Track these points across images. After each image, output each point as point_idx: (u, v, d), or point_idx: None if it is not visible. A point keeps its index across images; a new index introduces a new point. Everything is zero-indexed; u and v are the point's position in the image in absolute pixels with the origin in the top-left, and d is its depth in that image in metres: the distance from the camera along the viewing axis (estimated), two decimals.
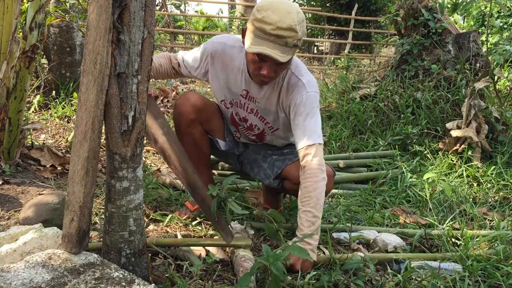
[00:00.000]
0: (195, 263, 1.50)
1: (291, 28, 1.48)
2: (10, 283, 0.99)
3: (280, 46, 1.50)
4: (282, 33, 1.48)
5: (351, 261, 1.47)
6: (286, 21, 1.48)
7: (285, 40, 1.49)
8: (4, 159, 2.26)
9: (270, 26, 1.48)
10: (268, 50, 1.50)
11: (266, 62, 1.56)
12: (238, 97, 1.82)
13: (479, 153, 2.74)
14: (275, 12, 1.48)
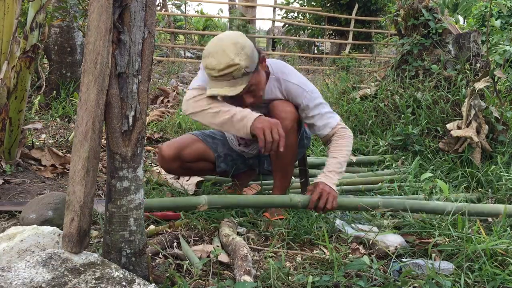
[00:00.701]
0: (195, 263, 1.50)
1: (229, 65, 1.65)
2: (11, 282, 0.99)
3: (228, 82, 1.69)
4: (224, 72, 1.66)
5: (354, 262, 1.47)
6: (223, 61, 1.65)
7: (231, 75, 1.67)
8: (5, 159, 2.27)
9: (213, 71, 1.68)
10: (218, 90, 1.70)
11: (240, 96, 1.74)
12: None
13: (479, 153, 2.74)
14: (213, 56, 1.67)
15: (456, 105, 3.27)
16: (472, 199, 2.36)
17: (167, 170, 2.12)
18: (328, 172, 1.82)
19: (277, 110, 1.87)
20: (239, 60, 1.66)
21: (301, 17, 14.53)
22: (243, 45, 1.68)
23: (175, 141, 2.10)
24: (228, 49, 1.66)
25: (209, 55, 1.68)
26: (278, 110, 1.87)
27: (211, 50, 1.69)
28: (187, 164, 2.06)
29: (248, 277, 1.35)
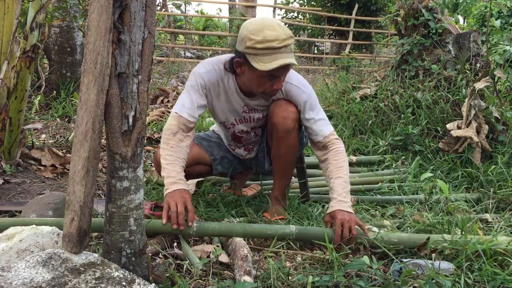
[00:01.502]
0: (195, 263, 1.50)
1: (290, 36, 1.68)
2: (11, 282, 0.99)
3: (289, 53, 1.69)
4: (286, 42, 1.66)
5: (354, 262, 1.47)
6: (285, 32, 1.67)
7: (290, 47, 1.69)
8: (5, 159, 2.27)
9: (276, 42, 1.64)
10: (287, 60, 1.66)
11: (277, 77, 1.72)
12: (241, 114, 1.96)
13: (479, 153, 2.74)
14: (271, 29, 1.65)
15: (456, 105, 3.27)
16: (472, 199, 2.36)
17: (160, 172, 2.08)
18: (339, 196, 1.75)
19: (278, 110, 1.87)
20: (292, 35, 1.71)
21: (301, 17, 14.53)
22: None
23: None
24: (282, 24, 1.70)
25: (263, 29, 1.65)
26: (279, 109, 1.87)
27: (264, 26, 1.66)
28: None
29: (249, 278, 1.35)
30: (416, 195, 2.40)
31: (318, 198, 2.25)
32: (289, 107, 1.87)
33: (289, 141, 1.88)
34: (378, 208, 2.23)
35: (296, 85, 1.88)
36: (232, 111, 1.95)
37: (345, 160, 1.84)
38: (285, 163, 1.95)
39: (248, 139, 2.08)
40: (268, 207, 2.00)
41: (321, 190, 2.36)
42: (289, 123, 1.84)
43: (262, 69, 1.65)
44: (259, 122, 2.01)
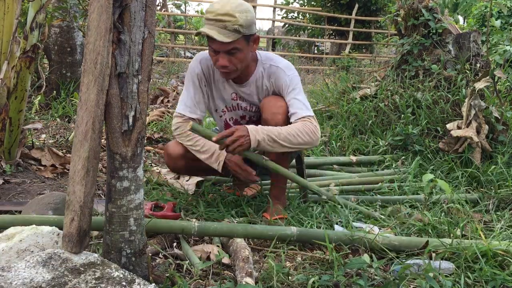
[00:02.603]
0: (195, 263, 1.50)
1: (228, 13, 1.72)
2: (11, 282, 0.99)
3: (218, 29, 1.73)
4: (220, 17, 1.73)
5: (353, 261, 1.47)
6: (225, 8, 1.73)
7: (224, 23, 1.73)
8: (5, 159, 2.27)
9: (211, 14, 1.75)
10: (206, 30, 1.74)
11: (218, 53, 1.79)
12: (230, 102, 2.05)
13: (479, 153, 2.74)
14: (219, 2, 1.76)
15: (456, 105, 3.27)
16: (472, 199, 2.36)
17: (173, 168, 2.12)
18: (261, 127, 1.78)
19: (268, 105, 1.91)
20: (238, 16, 1.73)
21: (301, 17, 14.53)
22: (248, 10, 1.78)
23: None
24: (234, 3, 1.75)
25: (215, 2, 1.77)
26: (269, 105, 1.91)
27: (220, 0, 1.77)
28: (192, 162, 2.04)
29: (250, 279, 1.35)
30: (416, 195, 2.40)
31: (318, 198, 2.25)
32: (279, 102, 1.90)
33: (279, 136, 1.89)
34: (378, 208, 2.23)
35: (281, 68, 1.93)
36: (222, 98, 2.04)
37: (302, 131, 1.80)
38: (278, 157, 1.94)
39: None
40: (268, 207, 2.00)
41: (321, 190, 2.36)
42: (279, 118, 1.87)
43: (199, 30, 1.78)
44: (247, 112, 2.06)
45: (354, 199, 2.27)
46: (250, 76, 1.97)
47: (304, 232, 1.70)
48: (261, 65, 1.97)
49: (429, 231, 1.88)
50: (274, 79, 1.94)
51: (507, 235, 1.89)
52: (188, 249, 1.59)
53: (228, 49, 1.78)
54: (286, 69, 1.94)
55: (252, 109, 2.06)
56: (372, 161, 2.99)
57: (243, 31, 1.76)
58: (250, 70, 1.96)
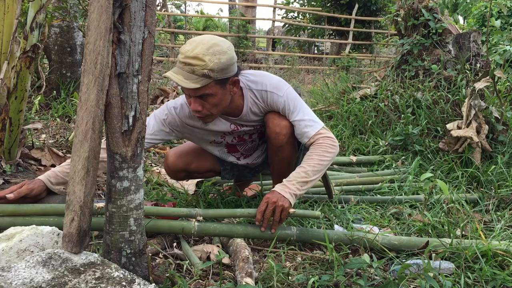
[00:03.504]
0: (195, 263, 1.50)
1: (197, 57, 1.55)
2: (11, 282, 0.99)
3: (185, 73, 1.57)
4: (188, 61, 1.56)
5: (353, 260, 1.47)
6: (194, 51, 1.55)
7: (192, 67, 1.56)
8: (5, 159, 2.27)
9: (181, 56, 1.58)
10: (170, 74, 1.58)
11: (189, 96, 1.65)
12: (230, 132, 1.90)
13: (479, 153, 2.74)
14: (191, 44, 1.58)
15: (456, 105, 3.28)
16: (473, 199, 2.36)
17: (172, 177, 2.11)
18: (286, 181, 1.68)
19: (271, 124, 1.80)
20: (208, 59, 1.55)
21: (301, 17, 14.53)
22: (223, 53, 1.58)
23: (182, 152, 2.04)
24: (206, 45, 1.57)
25: (189, 42, 1.60)
26: (272, 123, 1.80)
27: (195, 39, 1.61)
28: (193, 174, 2.08)
29: (250, 280, 1.35)
30: (416, 195, 2.40)
31: (318, 198, 2.25)
32: (283, 121, 1.79)
33: (282, 154, 1.86)
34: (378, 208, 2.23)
35: (270, 91, 1.78)
36: (218, 132, 1.90)
37: (322, 154, 1.72)
38: (281, 171, 1.93)
39: (244, 145, 2.03)
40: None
41: (320, 190, 2.36)
42: (281, 138, 1.80)
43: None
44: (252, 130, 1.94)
45: (353, 200, 2.27)
46: (242, 108, 1.81)
47: (304, 232, 1.71)
48: (248, 92, 1.80)
49: (429, 231, 1.88)
50: (269, 104, 1.79)
51: (507, 235, 1.89)
52: (188, 249, 1.59)
53: (198, 95, 1.62)
54: (276, 90, 1.77)
55: (256, 127, 1.93)
56: (372, 161, 2.99)
57: (214, 76, 1.58)
58: (238, 103, 1.80)
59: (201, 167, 2.07)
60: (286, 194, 1.63)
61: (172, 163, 2.01)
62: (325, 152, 1.72)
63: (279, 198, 1.62)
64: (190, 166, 2.04)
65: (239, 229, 1.65)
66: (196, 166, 2.05)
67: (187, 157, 2.03)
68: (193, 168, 2.04)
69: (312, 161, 1.71)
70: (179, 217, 1.67)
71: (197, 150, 2.07)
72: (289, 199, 1.63)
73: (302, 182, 1.67)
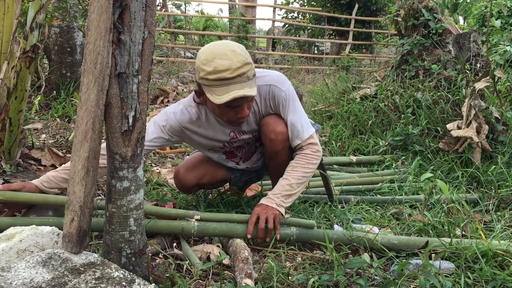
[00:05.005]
0: (195, 263, 1.50)
1: (246, 63, 1.53)
2: (11, 282, 0.99)
3: (245, 83, 1.54)
4: (240, 71, 1.52)
5: (354, 260, 1.47)
6: (238, 59, 1.52)
7: (246, 75, 1.54)
8: (5, 159, 2.27)
9: (227, 72, 1.51)
10: (240, 92, 1.52)
11: (238, 106, 1.60)
12: (228, 138, 1.87)
13: (479, 153, 2.74)
14: (223, 58, 1.52)
15: (456, 105, 3.28)
16: (473, 199, 2.36)
17: (184, 193, 2.12)
18: (272, 194, 1.70)
19: (266, 130, 1.79)
20: (250, 60, 1.56)
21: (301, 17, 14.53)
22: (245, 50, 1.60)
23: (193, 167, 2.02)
24: (237, 49, 1.55)
25: (214, 58, 1.52)
26: (267, 130, 1.78)
27: (215, 54, 1.53)
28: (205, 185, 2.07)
29: (249, 280, 1.35)
30: (416, 195, 2.40)
31: (318, 198, 2.25)
32: (278, 127, 1.77)
33: (278, 159, 1.85)
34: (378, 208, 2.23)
35: (273, 84, 1.75)
36: (217, 139, 1.87)
37: (306, 166, 1.74)
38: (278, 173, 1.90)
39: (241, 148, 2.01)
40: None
41: (320, 190, 2.36)
42: (277, 145, 1.79)
43: (216, 102, 1.53)
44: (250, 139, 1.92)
45: (353, 200, 2.27)
46: None
47: (304, 232, 1.71)
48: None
49: (429, 231, 1.88)
50: (270, 98, 1.76)
51: (507, 235, 1.89)
52: (188, 249, 1.59)
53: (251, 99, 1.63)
54: (279, 83, 1.75)
55: (254, 136, 1.91)
56: (372, 161, 2.99)
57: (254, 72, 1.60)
58: None
59: (214, 178, 2.04)
60: (273, 205, 1.68)
61: (184, 179, 1.97)
62: (309, 164, 1.76)
63: (268, 209, 1.66)
64: (203, 180, 2.01)
65: (239, 230, 1.66)
66: (209, 179, 2.02)
67: (198, 171, 2.00)
68: (205, 181, 2.02)
69: (296, 173, 1.74)
70: (177, 218, 1.67)
71: (207, 162, 2.03)
72: (277, 208, 1.67)
73: (286, 195, 1.71)
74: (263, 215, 1.64)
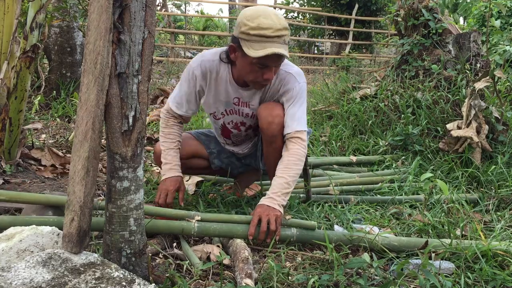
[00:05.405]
0: (195, 263, 1.50)
1: (285, 27, 1.65)
2: (11, 282, 0.99)
3: (281, 45, 1.65)
4: (281, 33, 1.63)
5: (354, 260, 1.47)
6: (280, 22, 1.64)
7: (283, 38, 1.65)
8: (5, 159, 2.27)
9: (269, 30, 1.62)
10: (276, 50, 1.62)
11: (267, 67, 1.69)
12: (231, 105, 1.95)
13: (479, 153, 2.74)
14: (267, 18, 1.64)
15: (456, 105, 3.27)
16: (473, 199, 2.36)
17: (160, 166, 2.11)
18: (272, 193, 1.72)
19: (264, 114, 1.84)
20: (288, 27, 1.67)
21: (301, 17, 14.53)
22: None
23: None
24: (280, 15, 1.67)
25: (259, 16, 1.63)
26: (265, 113, 1.83)
27: (260, 13, 1.64)
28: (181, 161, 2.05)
29: (249, 280, 1.35)
30: (416, 195, 2.40)
31: (318, 198, 2.25)
32: (275, 110, 1.83)
33: (276, 144, 1.86)
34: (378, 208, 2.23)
35: (292, 74, 1.85)
36: (222, 101, 1.94)
37: (297, 163, 1.78)
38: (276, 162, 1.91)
39: (238, 136, 2.06)
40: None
41: (320, 190, 2.36)
42: (274, 127, 1.82)
43: (252, 55, 1.63)
44: (248, 119, 1.98)
45: (353, 200, 2.27)
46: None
47: (304, 233, 1.70)
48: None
49: (429, 231, 1.88)
50: (284, 83, 1.85)
51: (507, 235, 1.89)
52: (188, 249, 1.59)
53: (281, 63, 1.73)
54: (297, 76, 1.85)
55: (253, 116, 1.97)
56: (372, 161, 2.99)
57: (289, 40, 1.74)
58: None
59: (186, 148, 2.07)
60: (275, 206, 1.69)
61: (158, 147, 2.04)
62: (299, 161, 1.80)
63: (270, 210, 1.67)
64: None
65: (239, 230, 1.65)
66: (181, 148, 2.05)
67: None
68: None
69: (291, 170, 1.77)
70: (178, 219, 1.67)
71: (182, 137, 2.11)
72: (279, 209, 1.69)
73: (285, 193, 1.75)
74: (264, 217, 1.65)
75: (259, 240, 1.66)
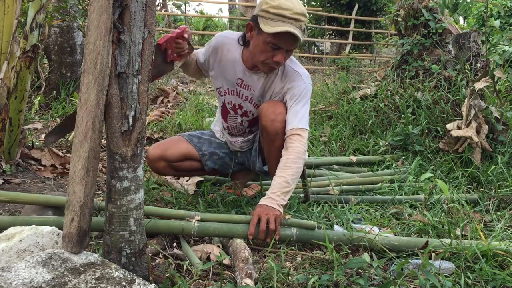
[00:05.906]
0: (195, 263, 1.50)
1: (304, 14, 1.72)
2: (11, 282, 0.99)
3: (297, 28, 1.71)
4: (298, 17, 1.70)
5: (354, 260, 1.47)
6: (300, 7, 1.71)
7: (300, 23, 1.72)
8: (5, 159, 2.27)
9: (288, 11, 1.68)
10: (292, 29, 1.68)
11: (279, 49, 1.75)
12: (234, 85, 2.00)
13: (479, 153, 2.74)
14: (288, 1, 1.71)
15: (456, 105, 3.27)
16: (473, 199, 2.36)
17: (155, 170, 2.15)
18: (271, 193, 1.72)
19: (267, 111, 1.86)
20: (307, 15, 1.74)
21: None
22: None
23: (161, 142, 2.15)
24: (300, 3, 1.74)
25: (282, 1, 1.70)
26: (268, 111, 1.86)
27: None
28: (173, 164, 2.10)
29: (249, 280, 1.35)
30: (416, 195, 2.40)
31: (318, 198, 2.25)
32: (278, 108, 1.85)
33: (278, 143, 1.87)
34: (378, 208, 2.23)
35: (299, 73, 1.90)
36: (227, 79, 2.00)
37: (297, 161, 1.78)
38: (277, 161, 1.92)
39: (233, 121, 2.09)
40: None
41: (320, 190, 2.36)
42: (277, 125, 1.83)
43: (267, 31, 1.69)
44: (246, 104, 2.01)
45: (353, 200, 2.27)
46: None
47: (304, 233, 1.70)
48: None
49: (429, 231, 1.88)
50: (290, 80, 1.88)
51: (507, 235, 1.89)
52: (188, 249, 1.59)
53: (293, 48, 1.79)
54: (304, 76, 1.90)
55: (251, 102, 2.00)
56: (372, 161, 2.99)
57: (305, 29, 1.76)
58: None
59: (178, 152, 2.10)
60: (275, 205, 1.69)
61: (150, 153, 2.09)
62: (299, 159, 1.80)
63: (270, 210, 1.67)
64: (167, 153, 2.08)
65: (239, 230, 1.65)
66: (172, 152, 2.09)
67: (163, 145, 2.12)
68: (169, 155, 2.08)
69: (290, 169, 1.77)
70: (177, 218, 1.67)
71: (173, 140, 2.17)
72: (278, 209, 1.69)
73: (285, 192, 1.74)
74: (264, 217, 1.65)
75: (259, 239, 1.66)
